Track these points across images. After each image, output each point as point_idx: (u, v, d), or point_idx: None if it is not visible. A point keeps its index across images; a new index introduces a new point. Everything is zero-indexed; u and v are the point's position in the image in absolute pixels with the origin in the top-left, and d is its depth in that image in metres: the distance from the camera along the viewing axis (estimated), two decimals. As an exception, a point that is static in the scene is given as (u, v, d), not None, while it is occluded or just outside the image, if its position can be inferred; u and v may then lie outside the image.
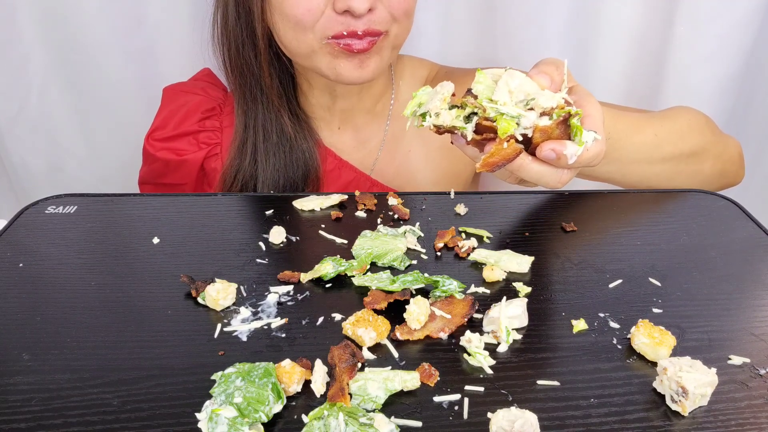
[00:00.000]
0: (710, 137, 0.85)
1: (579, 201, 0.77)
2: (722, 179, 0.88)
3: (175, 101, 0.94)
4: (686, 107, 0.88)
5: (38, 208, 0.74)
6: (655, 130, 0.79)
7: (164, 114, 0.93)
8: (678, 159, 0.81)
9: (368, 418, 0.46)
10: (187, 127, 0.92)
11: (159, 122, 0.93)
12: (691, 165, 0.83)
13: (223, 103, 0.95)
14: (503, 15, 1.09)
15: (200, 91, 0.95)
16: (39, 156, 1.20)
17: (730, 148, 0.89)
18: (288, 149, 0.90)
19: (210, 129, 0.93)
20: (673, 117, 0.83)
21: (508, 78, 0.56)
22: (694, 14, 1.06)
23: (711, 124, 0.87)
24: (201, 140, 0.93)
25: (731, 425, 0.47)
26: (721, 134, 0.89)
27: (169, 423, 0.46)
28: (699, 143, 0.83)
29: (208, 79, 0.99)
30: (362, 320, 0.55)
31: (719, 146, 0.86)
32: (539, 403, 0.48)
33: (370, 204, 0.75)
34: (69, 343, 0.54)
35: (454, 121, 0.57)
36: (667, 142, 0.80)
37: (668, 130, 0.80)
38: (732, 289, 0.62)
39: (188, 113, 0.93)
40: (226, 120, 0.94)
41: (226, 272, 0.63)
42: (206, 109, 0.93)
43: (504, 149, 0.55)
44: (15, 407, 0.48)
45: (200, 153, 0.92)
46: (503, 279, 0.62)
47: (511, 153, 0.55)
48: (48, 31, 1.08)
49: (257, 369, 0.49)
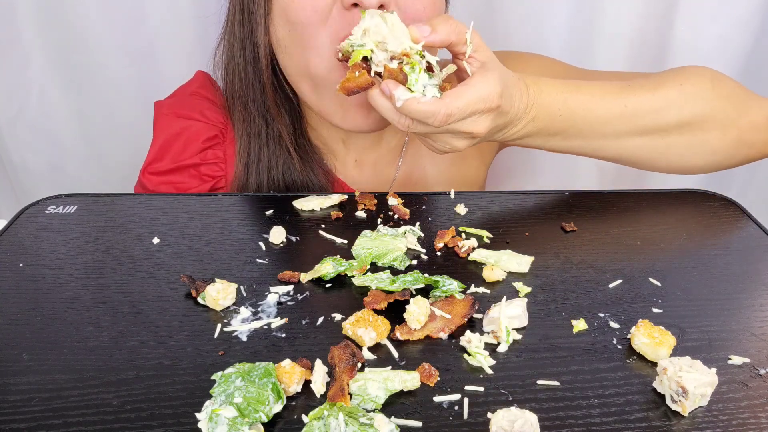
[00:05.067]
0: (715, 104, 0.75)
1: (579, 201, 0.77)
2: (742, 149, 0.78)
3: (170, 128, 0.85)
4: (695, 68, 0.79)
5: (38, 208, 0.74)
6: (626, 101, 0.73)
7: (159, 144, 0.84)
8: (665, 130, 0.75)
9: (368, 418, 0.46)
10: (187, 159, 0.83)
11: (154, 154, 0.84)
12: (687, 136, 0.76)
13: (225, 128, 0.86)
14: (503, 15, 1.09)
15: (198, 116, 0.85)
16: (39, 156, 1.20)
17: (751, 114, 0.77)
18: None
19: (213, 161, 0.85)
20: (662, 85, 0.75)
21: (368, 17, 0.63)
22: (694, 14, 1.07)
23: (723, 87, 0.77)
24: (204, 173, 0.84)
25: (731, 425, 0.47)
26: (739, 98, 0.78)
27: (169, 423, 0.46)
28: (695, 112, 0.75)
29: (205, 91, 0.88)
30: (362, 320, 0.55)
31: (732, 114, 0.76)
32: (539, 403, 0.48)
33: (370, 204, 0.75)
34: (69, 343, 0.54)
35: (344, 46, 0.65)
36: (643, 113, 0.74)
37: (645, 101, 0.73)
38: (732, 289, 0.62)
39: (187, 143, 0.84)
40: (230, 149, 0.85)
41: (226, 272, 0.63)
42: (207, 138, 0.84)
43: (356, 77, 0.63)
44: (15, 407, 0.48)
45: (204, 187, 0.84)
46: (503, 279, 0.62)
47: (363, 82, 0.63)
48: (48, 31, 1.08)
49: (257, 369, 0.49)
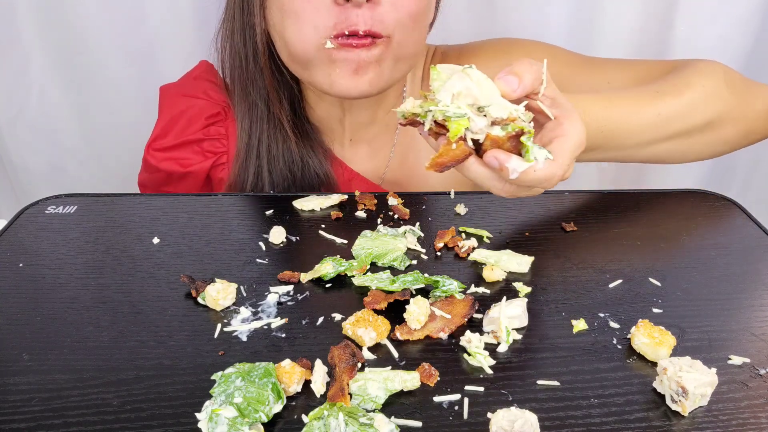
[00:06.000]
0: (730, 100, 0.78)
1: (579, 201, 0.77)
2: (750, 137, 0.83)
3: (176, 106, 0.89)
4: (706, 65, 0.80)
5: (38, 208, 0.74)
6: (659, 109, 0.74)
7: (164, 121, 0.88)
8: (689, 132, 0.77)
9: (368, 418, 0.46)
10: (191, 136, 0.88)
11: (159, 131, 0.88)
12: (707, 134, 0.78)
13: (227, 107, 0.90)
14: (503, 15, 1.09)
15: (202, 95, 0.89)
16: (39, 156, 1.20)
17: (756, 104, 0.81)
18: (300, 175, 0.87)
19: (215, 137, 0.88)
20: (685, 88, 0.77)
21: (456, 79, 0.53)
22: (694, 14, 1.07)
23: (733, 82, 0.80)
24: (206, 149, 0.88)
25: (731, 425, 0.47)
26: (746, 90, 0.81)
27: (169, 423, 0.46)
28: (715, 111, 0.77)
29: (208, 75, 0.92)
30: (362, 320, 0.55)
31: (743, 107, 0.80)
32: (539, 403, 0.48)
33: (370, 204, 0.75)
34: (69, 343, 0.54)
35: (414, 109, 0.56)
36: (674, 119, 0.75)
37: (676, 107, 0.75)
38: (732, 289, 0.62)
39: (191, 120, 0.88)
40: (231, 126, 0.89)
41: (226, 272, 0.63)
42: (210, 114, 0.88)
43: (453, 150, 0.53)
44: (15, 407, 0.48)
45: (206, 163, 0.88)
46: (503, 279, 0.62)
47: (459, 155, 0.53)
48: (48, 31, 1.08)
49: (257, 369, 0.49)
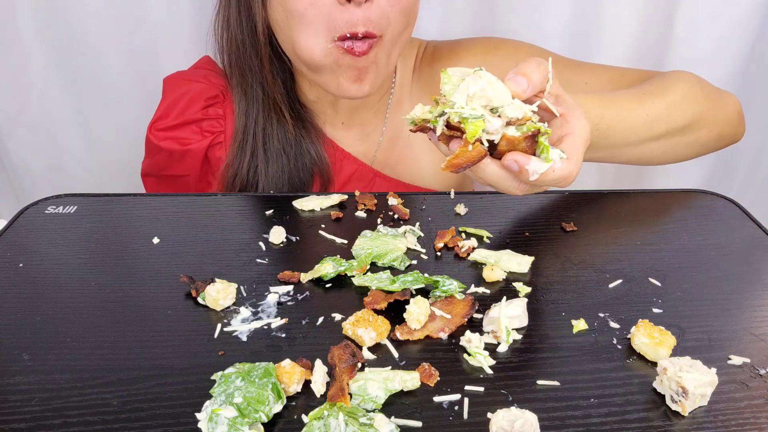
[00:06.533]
0: (705, 104, 0.82)
1: (579, 201, 0.77)
2: (721, 141, 0.87)
3: (177, 90, 0.92)
4: (680, 73, 0.85)
5: (38, 208, 0.74)
6: (647, 110, 0.77)
7: (166, 103, 0.92)
8: (672, 134, 0.80)
9: (368, 418, 0.46)
10: (190, 116, 0.91)
11: (161, 112, 0.92)
12: (686, 136, 0.81)
13: (225, 90, 0.93)
14: (503, 16, 1.09)
15: (202, 79, 0.93)
16: (39, 156, 1.20)
17: (727, 109, 0.86)
18: (293, 154, 0.90)
19: (213, 117, 0.92)
20: (666, 90, 0.80)
21: (471, 81, 0.54)
22: (694, 14, 1.07)
23: (706, 89, 0.84)
24: (205, 128, 0.92)
25: (731, 425, 0.47)
26: (717, 97, 0.86)
27: (169, 423, 0.46)
28: (693, 114, 0.81)
29: (209, 66, 0.97)
30: (362, 320, 0.55)
31: (715, 111, 0.84)
32: (539, 403, 0.48)
33: (370, 204, 0.75)
34: (69, 343, 0.54)
35: (425, 114, 0.56)
36: (660, 120, 0.78)
37: (661, 108, 0.78)
38: (732, 289, 0.62)
39: (191, 101, 0.91)
40: (229, 107, 0.92)
41: (226, 272, 0.63)
42: (209, 96, 0.92)
43: (468, 152, 0.53)
44: (15, 407, 0.48)
45: (204, 142, 0.91)
46: (503, 279, 0.62)
47: (475, 156, 0.54)
48: (48, 31, 1.08)
49: (257, 369, 0.49)
